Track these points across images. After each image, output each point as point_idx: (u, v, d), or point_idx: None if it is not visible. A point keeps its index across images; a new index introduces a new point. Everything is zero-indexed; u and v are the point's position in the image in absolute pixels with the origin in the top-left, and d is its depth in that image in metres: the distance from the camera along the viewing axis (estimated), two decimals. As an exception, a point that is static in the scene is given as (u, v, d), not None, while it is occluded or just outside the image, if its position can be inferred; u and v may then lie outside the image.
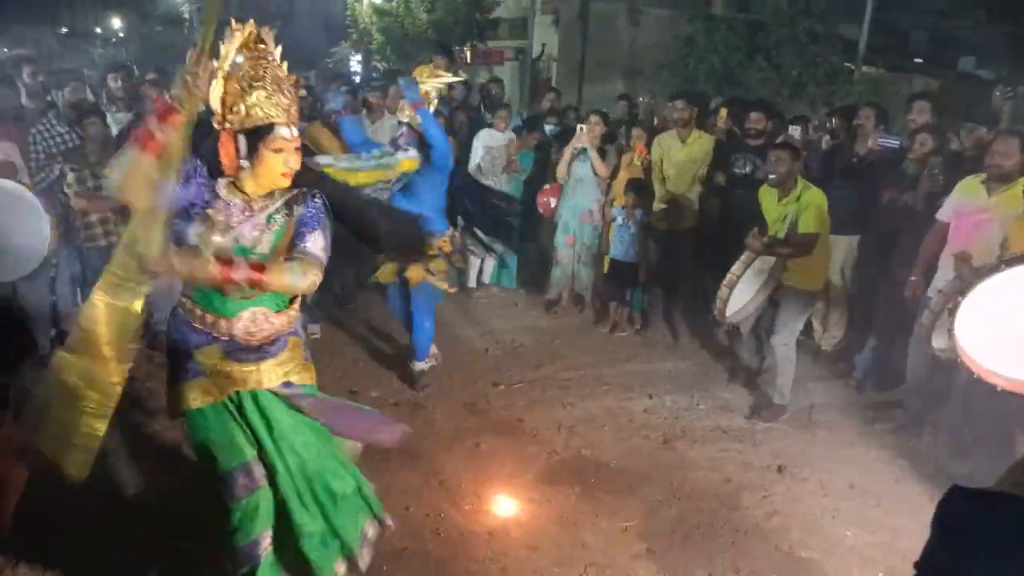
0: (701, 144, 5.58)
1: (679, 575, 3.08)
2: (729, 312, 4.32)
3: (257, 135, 2.24)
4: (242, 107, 2.22)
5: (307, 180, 2.40)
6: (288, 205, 2.35)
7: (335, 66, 18.37)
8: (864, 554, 3.28)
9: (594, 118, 6.00)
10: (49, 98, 5.13)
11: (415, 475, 3.71)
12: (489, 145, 6.28)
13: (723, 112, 6.10)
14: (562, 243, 6.18)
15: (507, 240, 5.70)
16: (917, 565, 1.16)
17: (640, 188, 5.64)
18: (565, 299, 6.35)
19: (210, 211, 2.28)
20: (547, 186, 6.36)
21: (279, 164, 2.27)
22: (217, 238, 2.25)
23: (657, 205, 5.66)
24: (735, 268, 4.19)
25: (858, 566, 3.18)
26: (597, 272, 6.22)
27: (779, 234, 4.27)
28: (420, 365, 4.75)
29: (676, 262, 5.76)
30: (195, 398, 2.37)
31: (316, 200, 2.37)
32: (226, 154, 2.26)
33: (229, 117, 2.24)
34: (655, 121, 7.18)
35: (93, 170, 4.44)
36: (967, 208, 4.00)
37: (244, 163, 2.26)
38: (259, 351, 2.40)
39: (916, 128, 4.87)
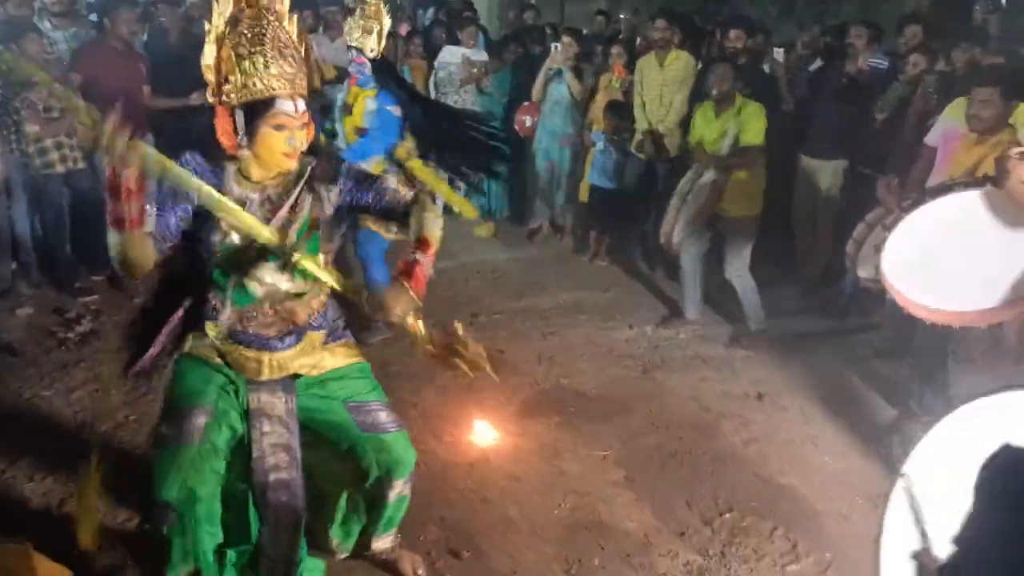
0: (677, 65, 5.33)
1: (657, 503, 3.08)
2: (676, 240, 4.35)
3: (255, 110, 1.93)
4: (239, 76, 1.91)
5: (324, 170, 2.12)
6: (310, 185, 2.08)
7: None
8: (843, 479, 3.29)
9: (567, 38, 5.75)
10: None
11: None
12: (447, 61, 6.07)
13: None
14: (542, 169, 6.03)
15: (480, 164, 5.55)
16: (958, 540, 1.06)
17: (620, 111, 5.45)
18: (546, 227, 6.23)
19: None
20: (524, 104, 6.16)
21: (280, 143, 1.96)
22: (235, 238, 2.01)
23: (637, 135, 5.47)
24: (674, 201, 4.31)
25: (837, 492, 3.20)
26: (575, 198, 6.09)
27: (722, 150, 4.26)
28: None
29: (657, 191, 5.61)
30: (189, 346, 2.15)
31: (344, 170, 2.15)
32: (223, 132, 1.96)
33: (224, 88, 1.93)
34: (638, 41, 6.91)
35: (40, 93, 4.18)
36: (954, 133, 3.87)
37: (243, 142, 1.96)
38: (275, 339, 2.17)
39: (908, 48, 4.72)
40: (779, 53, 5.31)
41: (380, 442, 2.29)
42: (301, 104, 1.98)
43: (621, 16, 8.36)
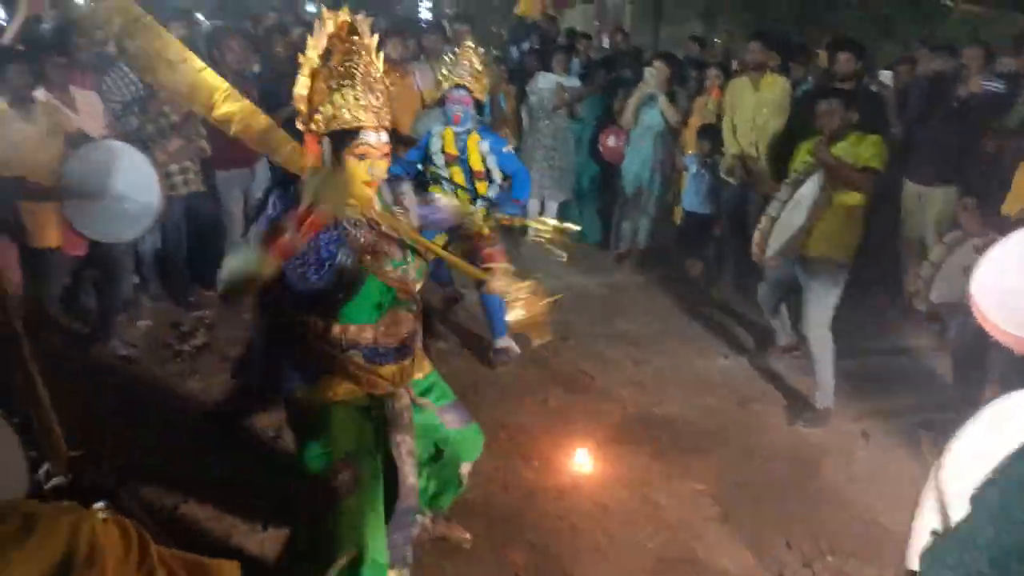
0: (772, 89, 5.17)
1: (755, 541, 2.98)
2: (770, 252, 3.87)
3: (341, 139, 2.06)
4: (329, 107, 2.04)
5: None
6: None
7: (405, 13, 18.15)
8: (955, 527, 3.09)
9: (659, 63, 5.71)
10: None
11: (483, 428, 3.66)
12: (540, 87, 6.12)
13: (823, 54, 5.64)
14: (631, 193, 6.00)
15: (568, 188, 5.60)
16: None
17: (715, 135, 5.37)
18: (635, 252, 6.18)
19: (355, 243, 2.12)
20: (607, 128, 6.17)
21: (362, 171, 2.07)
22: (389, 268, 2.17)
23: (728, 159, 5.34)
24: (780, 193, 3.83)
25: (948, 540, 3.00)
26: (669, 224, 6.02)
27: None
28: (503, 341, 4.30)
29: (751, 216, 5.46)
30: (337, 392, 2.21)
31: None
32: (312, 157, 2.12)
33: (315, 117, 2.07)
34: (733, 64, 6.80)
35: (168, 119, 4.47)
36: None
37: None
38: (399, 352, 2.28)
39: (1028, 70, 4.47)
40: (887, 76, 5.10)
41: (460, 434, 2.50)
42: (384, 136, 2.10)
43: (715, 40, 8.25)
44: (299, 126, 2.13)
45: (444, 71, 4.14)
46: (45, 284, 4.00)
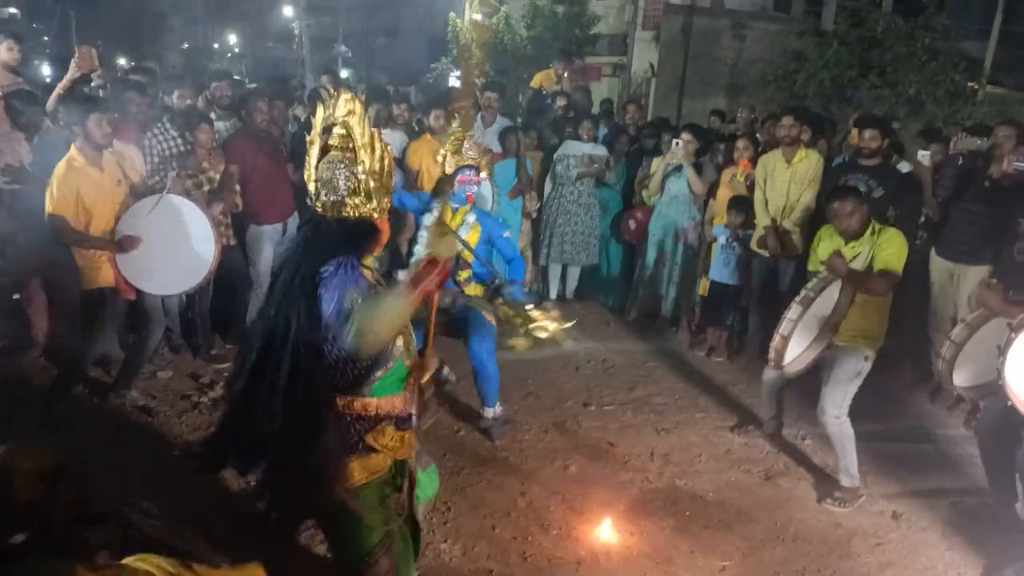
0: (807, 164, 5.20)
1: (783, 625, 2.84)
2: (787, 361, 3.80)
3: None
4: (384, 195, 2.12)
5: None
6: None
7: (435, 81, 18.70)
8: (995, 620, 2.94)
9: (686, 135, 5.78)
10: (165, 103, 5.33)
11: (502, 495, 3.60)
12: (566, 154, 6.20)
13: (855, 132, 5.66)
14: (652, 261, 6.00)
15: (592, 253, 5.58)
16: None
17: (745, 206, 5.38)
18: (661, 318, 6.14)
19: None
20: (631, 208, 6.22)
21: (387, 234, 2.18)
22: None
23: (759, 232, 5.34)
24: (791, 313, 3.71)
25: (988, 633, 2.85)
26: (692, 293, 5.99)
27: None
28: (492, 411, 4.18)
29: (779, 289, 5.42)
30: (363, 474, 2.13)
31: None
32: (385, 236, 2.15)
33: (382, 203, 2.09)
34: (757, 137, 6.86)
35: (206, 175, 4.58)
36: None
37: None
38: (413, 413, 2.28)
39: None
40: (924, 156, 5.05)
41: (425, 475, 2.49)
42: None
43: (738, 114, 8.36)
44: (375, 215, 2.07)
45: (446, 150, 4.15)
46: (100, 325, 4.01)
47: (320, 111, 2.01)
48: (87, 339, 4.02)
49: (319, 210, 2.05)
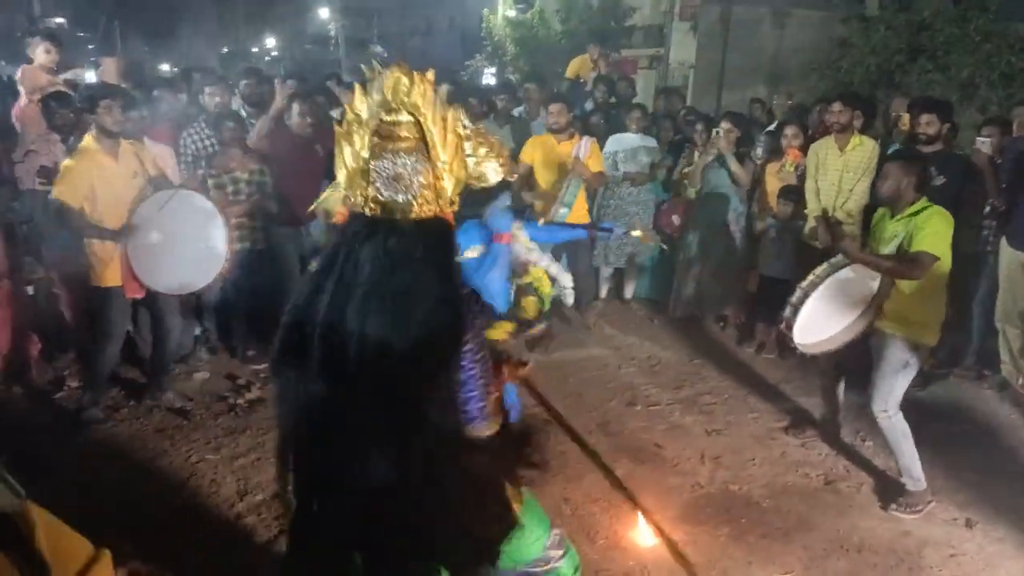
0: (860, 152, 4.92)
1: (852, 644, 2.63)
2: (800, 336, 3.54)
3: None
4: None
5: None
6: None
7: (470, 78, 18.61)
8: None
9: (726, 124, 5.50)
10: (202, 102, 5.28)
11: (544, 502, 3.38)
12: (615, 150, 5.94)
13: (905, 117, 5.37)
14: (696, 256, 5.76)
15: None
16: None
17: (795, 196, 5.13)
18: (707, 315, 5.91)
19: None
20: (666, 204, 5.97)
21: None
22: None
23: (810, 223, 5.07)
24: (818, 269, 3.45)
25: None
26: (739, 288, 5.75)
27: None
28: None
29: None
30: None
31: None
32: None
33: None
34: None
35: (231, 176, 4.50)
36: None
37: None
38: None
39: None
40: (984, 143, 4.74)
41: None
42: None
43: (774, 101, 8.04)
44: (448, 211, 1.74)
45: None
46: (107, 324, 3.95)
47: (365, 95, 1.64)
48: (99, 340, 3.95)
49: (374, 211, 1.65)
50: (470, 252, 3.40)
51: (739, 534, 3.25)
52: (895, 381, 3.48)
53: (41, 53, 5.39)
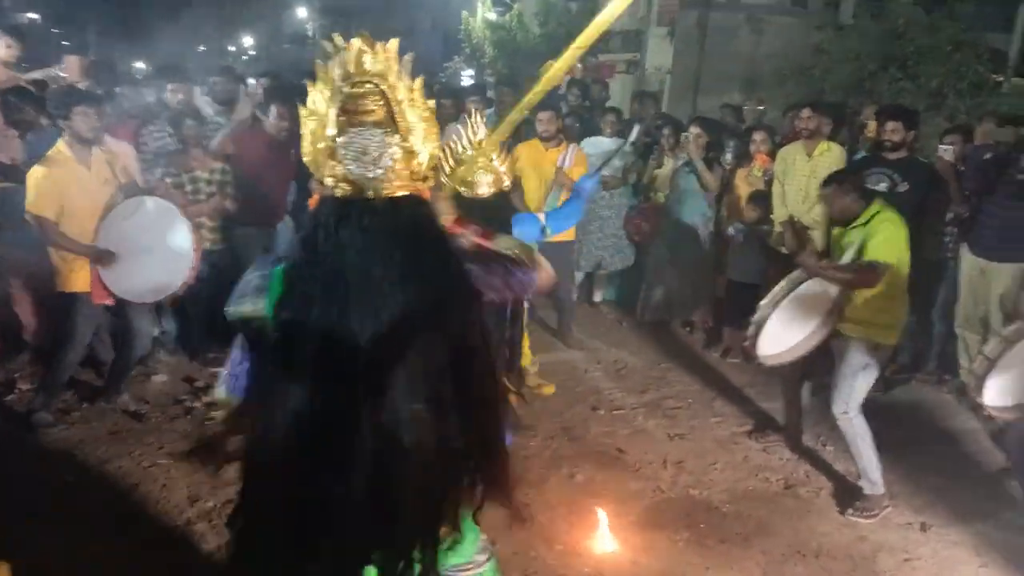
0: (827, 158, 4.95)
1: (805, 650, 2.63)
2: (763, 349, 3.60)
3: None
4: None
5: None
6: None
7: (448, 80, 18.58)
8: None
9: (695, 129, 5.53)
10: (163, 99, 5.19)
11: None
12: (588, 153, 5.90)
13: (872, 124, 5.41)
14: (664, 260, 5.76)
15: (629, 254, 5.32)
16: None
17: (763, 201, 5.15)
18: (674, 319, 5.91)
19: None
20: (635, 209, 5.96)
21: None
22: None
23: (777, 227, 5.10)
24: (777, 288, 3.55)
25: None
26: (706, 292, 5.76)
27: (841, 262, 3.52)
28: None
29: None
30: None
31: None
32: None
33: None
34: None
35: (190, 175, 4.42)
36: None
37: None
38: None
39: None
40: (946, 150, 4.79)
41: None
42: None
43: (743, 106, 8.09)
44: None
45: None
46: (72, 331, 3.86)
47: (328, 70, 1.54)
48: (62, 345, 3.86)
49: (345, 192, 1.57)
50: None
51: (698, 539, 3.24)
52: (855, 382, 3.51)
53: (1, 48, 5.27)
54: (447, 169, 2.86)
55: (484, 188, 2.78)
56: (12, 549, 2.26)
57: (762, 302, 3.62)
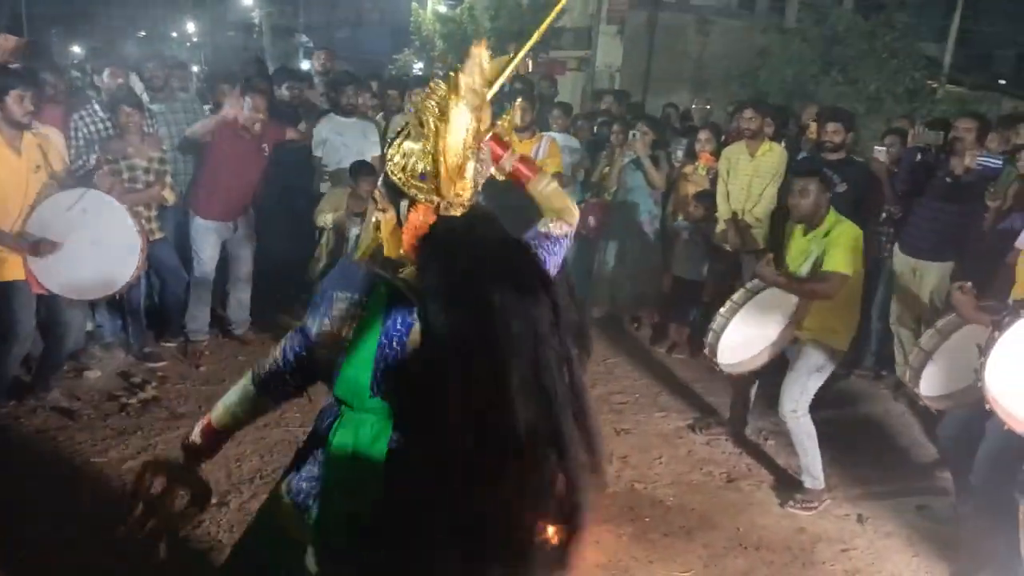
0: (770, 158, 5.07)
1: (745, 640, 2.67)
2: (724, 358, 3.65)
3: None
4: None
5: None
6: None
7: (397, 72, 18.38)
8: (965, 630, 2.81)
9: (643, 126, 5.60)
10: (94, 81, 4.97)
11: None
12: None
13: (813, 126, 5.54)
14: (612, 257, 5.81)
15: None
16: None
17: (708, 200, 5.23)
18: (621, 315, 5.96)
19: None
20: (583, 205, 5.98)
21: (412, 236, 1.59)
22: None
23: (720, 224, 5.20)
24: (736, 296, 3.60)
25: (958, 644, 2.72)
26: (653, 288, 5.82)
27: (800, 272, 3.59)
28: None
29: (741, 284, 5.26)
30: None
31: None
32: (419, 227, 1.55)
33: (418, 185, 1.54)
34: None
35: (128, 163, 4.26)
36: None
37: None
38: None
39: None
40: (880, 152, 4.95)
41: None
42: None
43: (692, 106, 8.21)
44: (407, 190, 1.55)
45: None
46: (13, 322, 3.66)
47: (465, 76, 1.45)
48: (5, 339, 3.68)
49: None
50: None
51: (642, 533, 3.27)
52: (807, 383, 3.59)
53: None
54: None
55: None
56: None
57: (720, 310, 3.63)
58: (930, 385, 3.27)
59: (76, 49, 18.25)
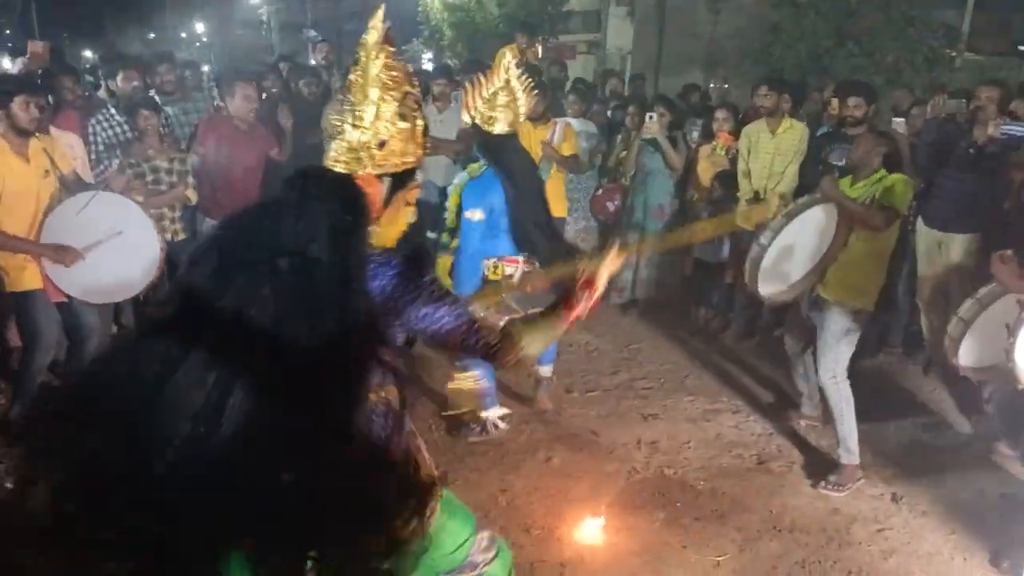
0: (791, 135, 5.00)
1: (783, 624, 2.65)
2: (764, 286, 3.58)
3: (400, 179, 1.73)
4: (397, 142, 1.70)
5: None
6: None
7: (406, 63, 18.33)
8: (1007, 607, 2.77)
9: (659, 108, 5.54)
10: (108, 86, 5.00)
11: (480, 493, 3.38)
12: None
13: (835, 102, 5.44)
14: (633, 241, 5.76)
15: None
16: None
17: (728, 180, 5.16)
18: (642, 300, 5.92)
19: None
20: (600, 190, 5.93)
21: (407, 218, 1.79)
22: None
23: (741, 204, 5.13)
24: (775, 222, 3.50)
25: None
26: (676, 272, 5.77)
27: None
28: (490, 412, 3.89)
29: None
30: None
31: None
32: (375, 203, 1.67)
33: (378, 155, 1.67)
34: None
35: (151, 164, 4.27)
36: None
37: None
38: None
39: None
40: (899, 123, 4.87)
41: None
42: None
43: (711, 85, 8.11)
44: (366, 168, 1.68)
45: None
46: (35, 331, 3.68)
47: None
48: (28, 350, 3.70)
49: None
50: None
51: (674, 518, 3.26)
52: (839, 348, 3.56)
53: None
54: (471, 105, 3.37)
55: (500, 126, 3.35)
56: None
57: (761, 237, 3.54)
58: (969, 355, 3.22)
59: (88, 54, 18.37)
